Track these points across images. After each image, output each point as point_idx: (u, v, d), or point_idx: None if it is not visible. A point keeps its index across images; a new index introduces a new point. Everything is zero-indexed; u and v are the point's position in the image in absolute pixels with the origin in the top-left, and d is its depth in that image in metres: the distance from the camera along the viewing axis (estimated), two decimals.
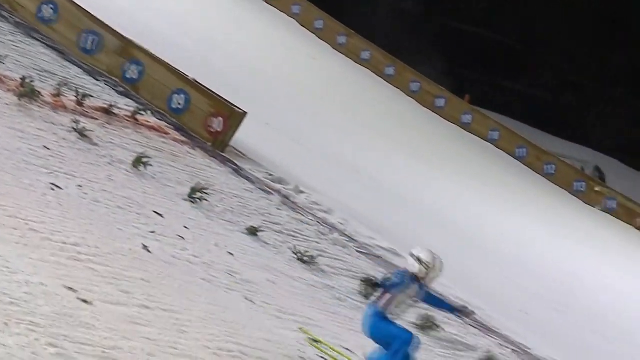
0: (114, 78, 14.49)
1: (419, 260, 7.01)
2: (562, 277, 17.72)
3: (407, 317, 9.78)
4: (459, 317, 8.01)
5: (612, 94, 38.10)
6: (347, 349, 7.92)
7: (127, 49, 14.79)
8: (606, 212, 26.43)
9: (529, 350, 11.28)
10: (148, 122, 12.99)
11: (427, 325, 9.81)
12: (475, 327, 10.98)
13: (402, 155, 22.09)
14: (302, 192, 13.38)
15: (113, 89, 13.94)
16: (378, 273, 10.97)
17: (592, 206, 26.48)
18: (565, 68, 38.27)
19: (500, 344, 10.79)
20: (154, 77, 14.50)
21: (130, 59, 14.64)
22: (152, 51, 14.96)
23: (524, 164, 27.53)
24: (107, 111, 12.31)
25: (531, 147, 28.13)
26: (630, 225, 26.18)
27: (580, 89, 38.39)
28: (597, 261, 20.21)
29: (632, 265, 21.61)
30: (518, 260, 17.42)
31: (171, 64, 14.82)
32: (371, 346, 8.45)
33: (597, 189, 27.28)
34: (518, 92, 37.84)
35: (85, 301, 6.33)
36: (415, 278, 6.99)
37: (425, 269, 6.99)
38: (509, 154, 27.73)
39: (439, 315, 10.48)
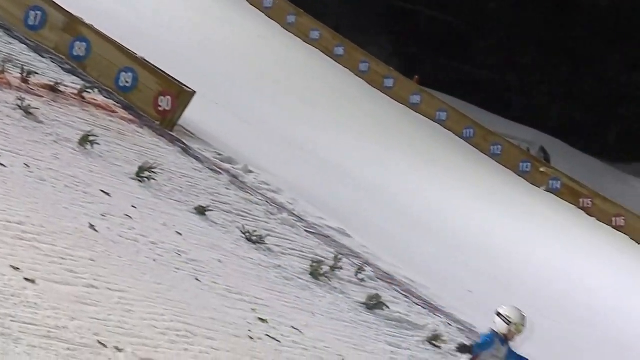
0: (60, 55, 14.28)
1: (507, 319, 6.89)
2: (507, 256, 17.99)
3: (356, 297, 9.89)
4: None
5: (557, 76, 38.60)
6: (294, 328, 7.96)
7: (73, 25, 14.58)
8: (551, 192, 26.86)
9: (474, 329, 11.44)
10: (95, 100, 12.84)
11: (375, 304, 9.91)
12: (422, 306, 11.10)
13: (351, 135, 22.15)
14: (250, 171, 13.36)
15: (59, 66, 13.75)
16: (327, 253, 11.02)
17: (537, 186, 26.88)
18: (512, 49, 38.67)
19: (446, 323, 10.93)
20: (101, 54, 14.33)
21: (76, 36, 14.44)
22: (99, 28, 14.77)
23: (471, 145, 27.82)
24: (53, 89, 12.14)
25: (478, 128, 28.44)
26: (574, 205, 26.64)
27: (526, 70, 38.84)
28: (542, 240, 20.54)
29: (576, 244, 22.02)
30: (464, 239, 17.63)
31: (119, 41, 14.66)
32: (321, 325, 8.50)
33: (542, 169, 27.69)
34: (466, 73, 38.15)
35: (30, 280, 6.27)
36: (500, 336, 6.90)
37: (507, 324, 6.85)
38: (456, 135, 28.00)
39: (385, 294, 10.59)
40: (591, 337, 14.84)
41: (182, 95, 14.07)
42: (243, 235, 10.02)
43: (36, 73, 12.20)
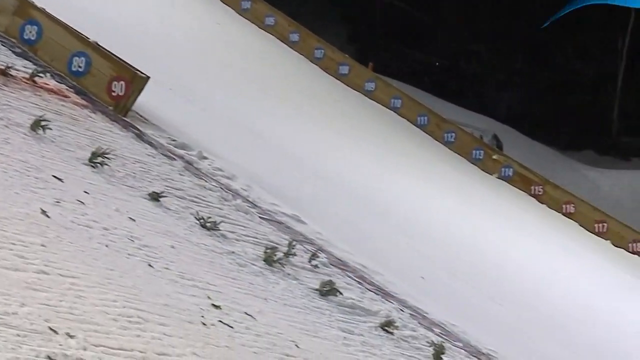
0: (10, 39, 14.10)
1: None
2: (459, 242, 18.18)
3: (309, 283, 9.93)
4: None
5: (510, 64, 38.99)
6: (247, 314, 7.97)
7: (24, 8, 14.39)
8: (503, 180, 27.19)
9: (426, 315, 11.55)
10: (47, 84, 12.70)
11: (328, 290, 9.95)
12: (375, 292, 11.18)
13: (306, 121, 22.18)
14: (205, 158, 13.32)
15: (10, 49, 13.56)
16: (281, 239, 11.05)
17: (489, 174, 27.19)
18: (466, 38, 38.95)
19: (399, 309, 11.02)
20: (53, 38, 14.17)
21: (27, 19, 14.26)
22: (51, 12, 14.60)
23: (425, 132, 28.05)
24: (4, 73, 11.99)
25: (432, 116, 28.66)
26: (525, 192, 27.02)
27: (480, 58, 39.16)
28: (494, 227, 20.79)
29: (527, 230, 22.31)
30: (417, 226, 17.78)
31: (71, 25, 14.50)
32: (274, 311, 8.53)
33: (494, 157, 28.01)
34: (421, 60, 38.34)
35: None
36: None
37: None
38: (410, 122, 28.20)
39: (339, 280, 10.65)
40: (539, 323, 15.07)
41: (136, 80, 13.97)
42: (197, 222, 9.99)
43: None
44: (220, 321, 7.48)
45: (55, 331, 5.84)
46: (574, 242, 24.00)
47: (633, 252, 26.78)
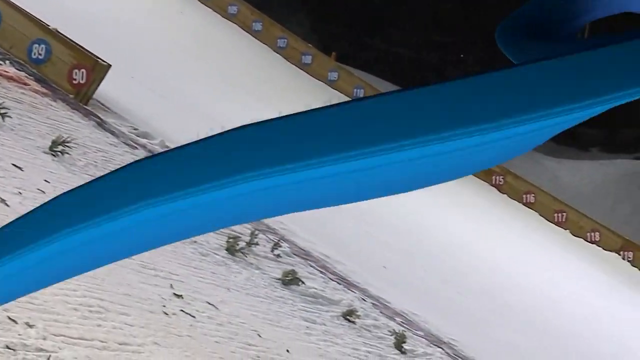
0: None
1: None
2: (420, 232, 18.28)
3: (272, 273, 9.95)
4: None
5: (473, 55, 39.21)
6: (209, 303, 7.97)
7: None
8: None
9: (388, 304, 11.63)
10: (7, 72, 12.56)
11: (291, 280, 9.98)
12: (337, 282, 11.23)
13: (269, 111, 22.08)
14: (167, 147, 13.26)
15: None
16: (243, 229, 11.05)
17: None
18: (429, 28, 39.10)
19: (361, 298, 11.08)
20: (12, 25, 14.01)
21: None
22: None
23: None
24: None
25: None
26: (486, 182, 27.24)
27: (443, 48, 39.34)
28: (455, 217, 20.93)
29: (488, 220, 22.49)
30: (378, 216, 17.85)
31: (31, 12, 14.34)
32: (237, 300, 8.54)
33: None
34: (384, 50, 38.43)
35: None
36: None
37: None
38: None
39: (301, 270, 10.68)
40: (499, 311, 15.22)
41: (97, 68, 13.86)
42: None
43: None
44: (182, 310, 7.47)
45: (14, 321, 5.79)
46: (534, 231, 24.26)
47: (591, 242, 27.14)
